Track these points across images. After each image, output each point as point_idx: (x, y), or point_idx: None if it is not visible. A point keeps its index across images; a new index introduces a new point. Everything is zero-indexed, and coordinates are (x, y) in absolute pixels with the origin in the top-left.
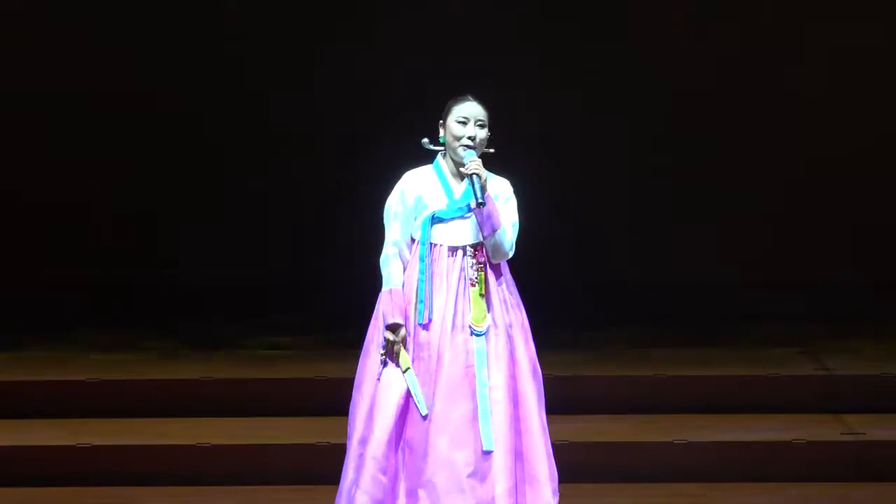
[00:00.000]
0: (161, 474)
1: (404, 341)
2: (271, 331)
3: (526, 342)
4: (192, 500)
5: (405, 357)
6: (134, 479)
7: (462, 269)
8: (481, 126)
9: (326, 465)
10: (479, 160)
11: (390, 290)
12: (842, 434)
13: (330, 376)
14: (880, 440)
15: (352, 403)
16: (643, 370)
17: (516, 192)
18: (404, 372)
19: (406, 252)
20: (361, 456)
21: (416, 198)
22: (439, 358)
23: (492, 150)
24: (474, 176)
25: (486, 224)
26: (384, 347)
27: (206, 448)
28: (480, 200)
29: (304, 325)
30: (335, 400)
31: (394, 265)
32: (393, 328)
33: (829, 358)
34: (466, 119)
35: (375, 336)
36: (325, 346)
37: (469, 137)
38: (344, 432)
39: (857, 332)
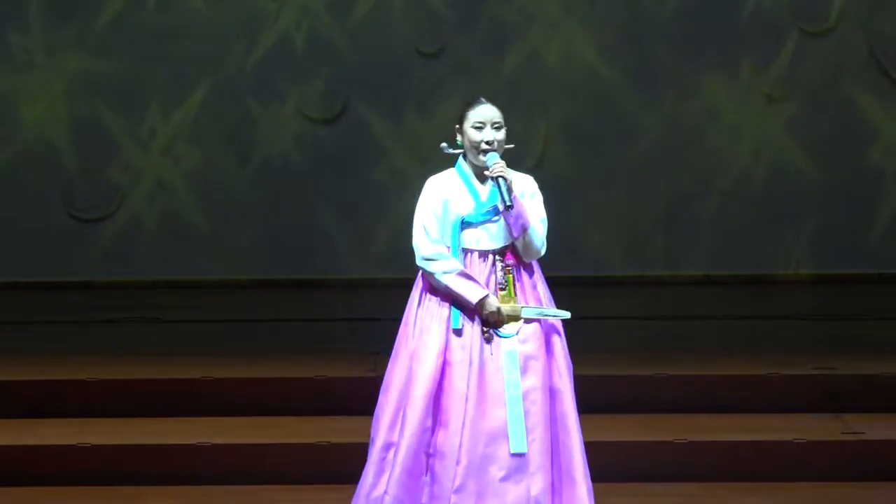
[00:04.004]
0: (161, 474)
1: (499, 312)
2: (272, 330)
3: (560, 340)
4: (192, 500)
5: (511, 308)
6: (134, 479)
7: (491, 274)
8: (498, 128)
9: (327, 464)
10: (503, 162)
11: (460, 272)
12: (842, 434)
13: (330, 376)
14: (880, 440)
15: (377, 406)
16: (643, 370)
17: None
18: (521, 318)
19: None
20: (383, 460)
21: (443, 202)
22: (470, 363)
23: (510, 146)
24: (500, 179)
25: (516, 225)
26: (486, 326)
27: (206, 448)
28: (509, 203)
29: (304, 324)
30: (335, 400)
31: (446, 253)
32: (482, 303)
33: (829, 358)
34: (482, 123)
35: (406, 341)
36: (326, 346)
37: (487, 142)
38: (342, 432)
39: (858, 331)
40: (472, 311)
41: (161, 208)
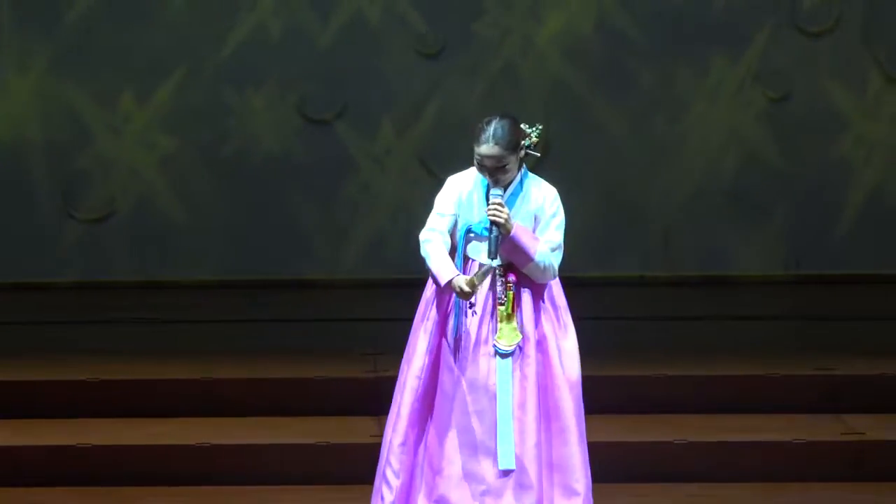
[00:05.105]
0: (161, 474)
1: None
2: (272, 329)
3: (563, 352)
4: (192, 500)
5: (470, 280)
6: (134, 479)
7: (491, 287)
8: (497, 168)
9: (326, 465)
10: (500, 202)
11: (442, 252)
12: (842, 434)
13: (330, 376)
14: (880, 440)
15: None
16: (643, 370)
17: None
18: (477, 284)
19: (448, 241)
20: (385, 460)
21: (457, 202)
22: (461, 373)
23: (538, 154)
24: (493, 226)
25: (517, 262)
26: (471, 306)
27: (206, 448)
28: (491, 257)
29: (303, 323)
30: (335, 400)
31: (437, 237)
32: (450, 285)
33: (829, 358)
34: (482, 163)
35: (409, 340)
36: (326, 346)
37: (492, 182)
38: (342, 432)
39: (858, 331)
40: (469, 318)
41: (151, 209)
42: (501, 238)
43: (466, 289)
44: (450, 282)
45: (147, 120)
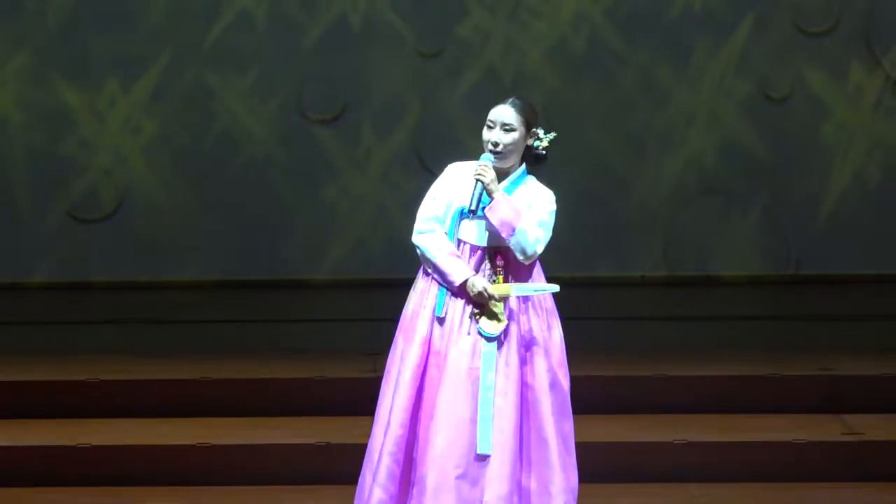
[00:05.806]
0: (161, 474)
1: (485, 292)
2: (270, 329)
3: (547, 352)
4: (192, 500)
5: (501, 288)
6: (134, 479)
7: (481, 271)
8: (508, 130)
9: (326, 465)
10: (489, 165)
11: (451, 251)
12: (842, 434)
13: (330, 376)
14: (880, 440)
15: (377, 403)
16: (643, 370)
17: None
18: (512, 295)
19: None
20: (374, 449)
21: (453, 188)
22: (445, 355)
23: (543, 153)
24: (478, 182)
25: (501, 228)
26: (476, 310)
27: (206, 448)
28: (472, 207)
29: (301, 323)
30: (335, 400)
31: (440, 232)
32: (466, 284)
33: (829, 358)
34: (493, 123)
35: (400, 328)
36: (326, 346)
37: (493, 143)
38: (342, 432)
39: (858, 331)
40: (457, 297)
41: (137, 209)
42: (484, 194)
43: (494, 294)
44: (465, 282)
45: (129, 117)
